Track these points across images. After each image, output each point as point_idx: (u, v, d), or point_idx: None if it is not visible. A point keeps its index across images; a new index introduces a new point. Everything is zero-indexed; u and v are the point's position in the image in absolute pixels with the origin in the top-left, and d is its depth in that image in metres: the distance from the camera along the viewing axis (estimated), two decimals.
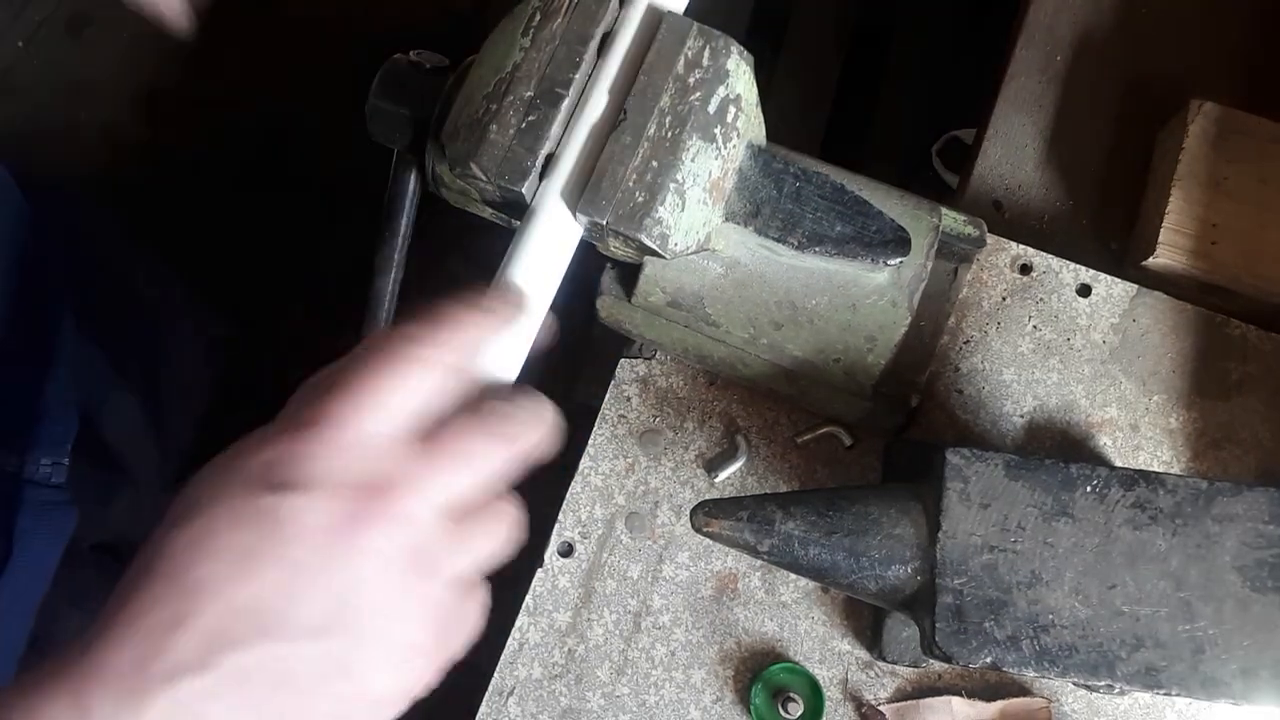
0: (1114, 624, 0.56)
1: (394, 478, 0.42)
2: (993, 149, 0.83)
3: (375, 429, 0.42)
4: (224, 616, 0.39)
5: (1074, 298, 0.76)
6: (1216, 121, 0.74)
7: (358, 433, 0.42)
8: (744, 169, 0.62)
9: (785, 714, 0.70)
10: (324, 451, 0.41)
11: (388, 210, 0.69)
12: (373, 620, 0.41)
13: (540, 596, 0.73)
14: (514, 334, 0.51)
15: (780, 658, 0.72)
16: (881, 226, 0.63)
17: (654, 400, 0.76)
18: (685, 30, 0.58)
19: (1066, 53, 0.85)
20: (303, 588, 0.40)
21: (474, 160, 0.57)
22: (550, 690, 0.72)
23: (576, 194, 0.56)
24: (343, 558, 0.40)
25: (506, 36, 0.59)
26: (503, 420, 0.45)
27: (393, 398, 0.43)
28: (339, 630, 0.40)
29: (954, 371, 0.75)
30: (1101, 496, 0.57)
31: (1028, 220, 0.82)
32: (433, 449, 0.43)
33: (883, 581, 0.59)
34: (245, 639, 0.39)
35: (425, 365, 0.44)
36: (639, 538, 0.74)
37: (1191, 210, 0.73)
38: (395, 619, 0.42)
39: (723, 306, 0.67)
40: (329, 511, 0.40)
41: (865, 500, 0.60)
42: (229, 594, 0.39)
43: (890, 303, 0.66)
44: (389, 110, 0.66)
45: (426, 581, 0.42)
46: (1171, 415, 0.75)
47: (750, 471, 0.75)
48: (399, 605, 0.42)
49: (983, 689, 0.71)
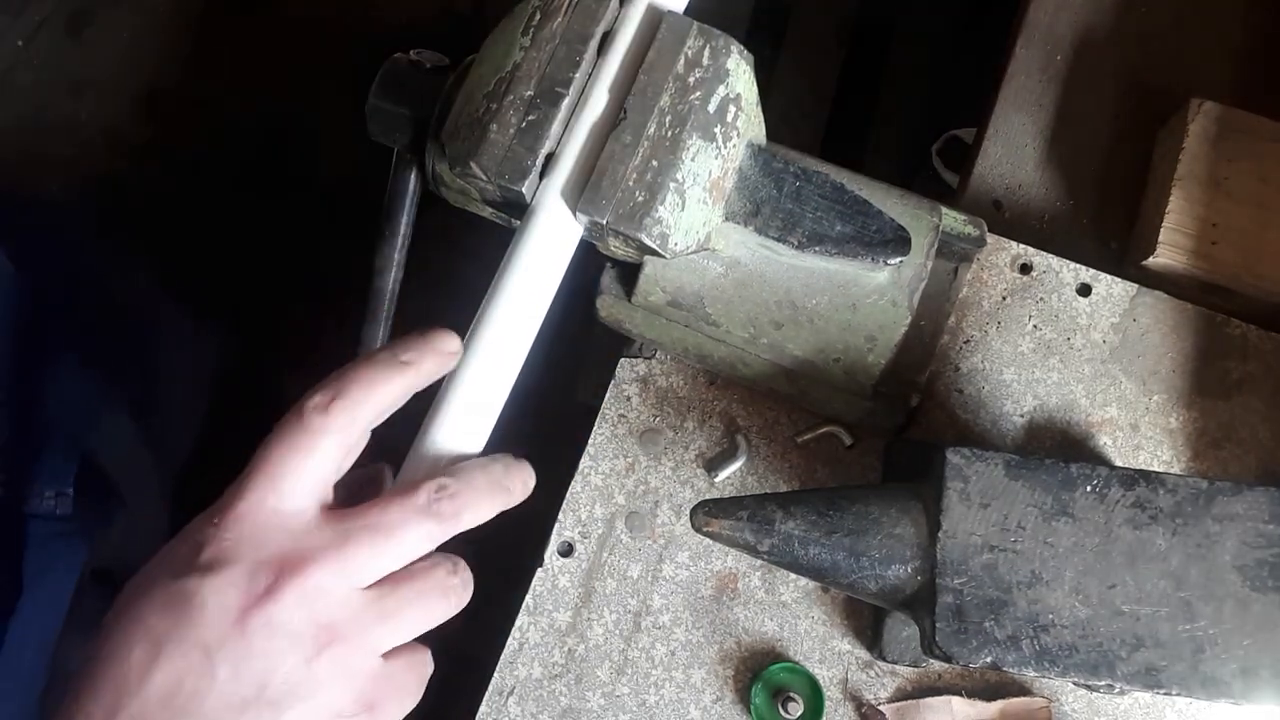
0: (1114, 624, 0.56)
1: (304, 553, 0.42)
2: (993, 148, 0.83)
3: (286, 505, 0.43)
4: (147, 704, 0.40)
5: (1074, 297, 0.76)
6: (1217, 121, 0.74)
7: (270, 511, 0.43)
8: (744, 168, 0.62)
9: (785, 714, 0.70)
10: (236, 532, 0.42)
11: (388, 210, 0.69)
12: (292, 694, 0.42)
13: (540, 596, 0.73)
14: (461, 396, 0.51)
15: (780, 657, 0.72)
16: (881, 226, 0.63)
17: (654, 400, 0.76)
18: (685, 29, 0.58)
19: (1066, 52, 0.85)
20: (217, 668, 0.40)
21: (474, 159, 0.57)
22: (550, 690, 0.72)
23: (576, 193, 0.56)
24: (254, 634, 0.41)
25: (506, 36, 0.59)
26: (430, 497, 0.45)
27: (298, 473, 0.44)
28: (258, 706, 0.41)
29: (954, 371, 0.75)
30: (1102, 496, 0.57)
31: (1028, 220, 0.82)
32: (348, 523, 0.44)
33: (883, 581, 0.59)
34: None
35: (326, 435, 0.45)
36: (639, 537, 0.74)
37: (1192, 210, 0.73)
38: (315, 691, 0.42)
39: (723, 306, 0.67)
40: (239, 590, 0.41)
41: (865, 500, 0.60)
42: (150, 682, 0.40)
43: (890, 302, 0.66)
44: (389, 110, 0.66)
45: (346, 652, 0.43)
46: (1172, 415, 0.75)
47: (750, 471, 0.75)
48: (317, 678, 0.42)
49: (983, 689, 0.71)
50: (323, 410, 0.44)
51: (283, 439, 0.44)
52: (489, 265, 0.55)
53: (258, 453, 0.44)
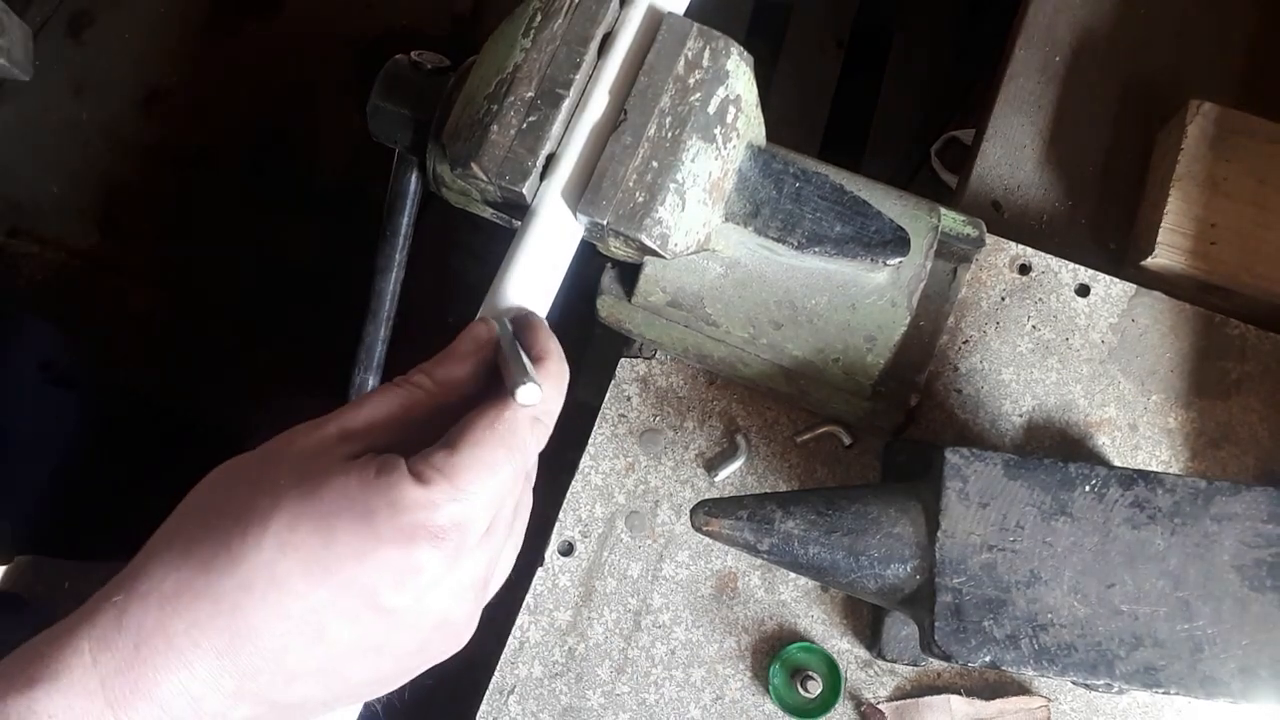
0: (1113, 623, 0.56)
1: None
2: (992, 149, 0.83)
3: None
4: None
5: (1073, 297, 0.76)
6: (1215, 122, 0.75)
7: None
8: (744, 169, 0.62)
9: (804, 692, 0.70)
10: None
11: (388, 210, 0.69)
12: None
13: (541, 595, 0.73)
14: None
15: (799, 637, 0.72)
16: (881, 227, 0.63)
17: (654, 400, 0.76)
18: (685, 31, 0.58)
19: (1066, 53, 0.85)
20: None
21: (475, 160, 0.57)
22: (551, 689, 0.72)
23: (577, 194, 0.56)
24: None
25: (507, 37, 0.59)
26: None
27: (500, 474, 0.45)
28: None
29: (953, 371, 0.75)
30: (1100, 496, 0.58)
31: (1027, 220, 0.82)
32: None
33: (882, 580, 0.59)
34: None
35: (529, 451, 0.46)
36: (639, 536, 0.74)
37: (1190, 210, 0.74)
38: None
39: (723, 306, 0.67)
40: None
41: (865, 499, 0.61)
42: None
43: (890, 302, 0.66)
44: (390, 110, 0.66)
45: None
46: (1170, 415, 0.75)
47: (750, 471, 0.75)
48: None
49: (982, 688, 0.71)
50: (538, 432, 0.46)
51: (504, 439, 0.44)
52: (489, 265, 0.55)
53: (477, 433, 0.43)
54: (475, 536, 0.42)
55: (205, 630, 0.38)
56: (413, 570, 0.40)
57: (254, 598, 0.39)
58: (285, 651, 0.39)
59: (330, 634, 0.40)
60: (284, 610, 0.39)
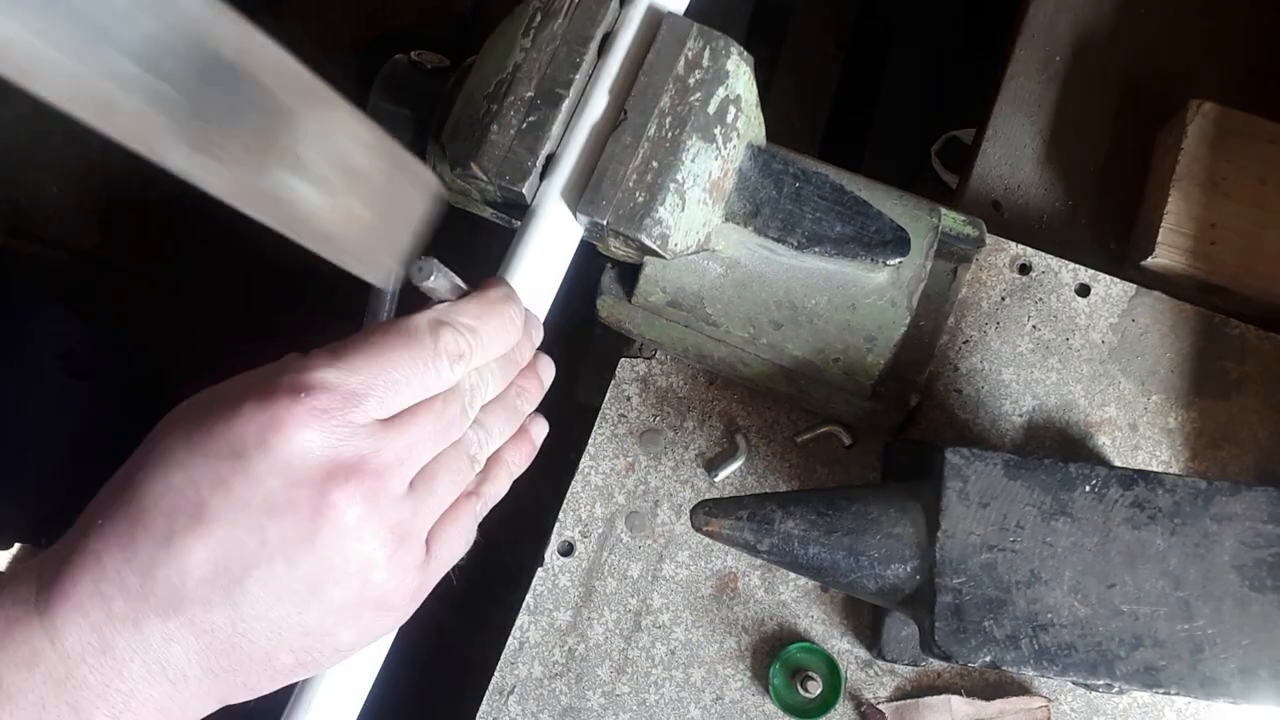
0: (1113, 623, 0.56)
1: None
2: (992, 149, 0.83)
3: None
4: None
5: (1073, 297, 0.76)
6: (1215, 122, 0.75)
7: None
8: (744, 169, 0.62)
9: (804, 692, 0.70)
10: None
11: None
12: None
13: (541, 595, 0.73)
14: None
15: (799, 638, 0.72)
16: (881, 226, 0.63)
17: (654, 400, 0.76)
18: (685, 31, 0.58)
19: (1066, 53, 0.85)
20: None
21: (475, 160, 0.57)
22: (550, 689, 0.72)
23: (577, 194, 0.56)
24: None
25: (507, 37, 0.59)
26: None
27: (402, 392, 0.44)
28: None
29: (953, 371, 0.75)
30: (1100, 496, 0.58)
31: (1027, 220, 0.82)
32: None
33: (882, 580, 0.59)
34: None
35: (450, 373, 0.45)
36: (639, 537, 0.74)
37: (1190, 210, 0.74)
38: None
39: (723, 306, 0.67)
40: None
41: (865, 499, 0.61)
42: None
43: (890, 302, 0.66)
44: (390, 110, 0.66)
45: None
46: (1170, 415, 0.75)
47: (750, 471, 0.75)
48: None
49: (982, 688, 0.71)
50: (454, 358, 0.44)
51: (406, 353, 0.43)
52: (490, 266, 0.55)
53: (373, 348, 0.43)
54: (361, 415, 0.41)
55: (110, 516, 0.39)
56: (272, 425, 0.39)
57: (145, 473, 0.39)
58: (172, 534, 0.38)
59: (210, 507, 0.39)
60: (168, 482, 0.39)
